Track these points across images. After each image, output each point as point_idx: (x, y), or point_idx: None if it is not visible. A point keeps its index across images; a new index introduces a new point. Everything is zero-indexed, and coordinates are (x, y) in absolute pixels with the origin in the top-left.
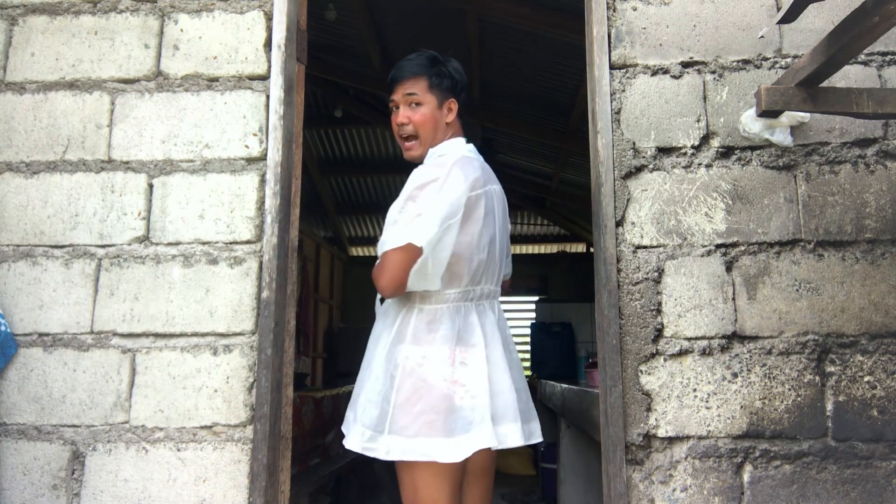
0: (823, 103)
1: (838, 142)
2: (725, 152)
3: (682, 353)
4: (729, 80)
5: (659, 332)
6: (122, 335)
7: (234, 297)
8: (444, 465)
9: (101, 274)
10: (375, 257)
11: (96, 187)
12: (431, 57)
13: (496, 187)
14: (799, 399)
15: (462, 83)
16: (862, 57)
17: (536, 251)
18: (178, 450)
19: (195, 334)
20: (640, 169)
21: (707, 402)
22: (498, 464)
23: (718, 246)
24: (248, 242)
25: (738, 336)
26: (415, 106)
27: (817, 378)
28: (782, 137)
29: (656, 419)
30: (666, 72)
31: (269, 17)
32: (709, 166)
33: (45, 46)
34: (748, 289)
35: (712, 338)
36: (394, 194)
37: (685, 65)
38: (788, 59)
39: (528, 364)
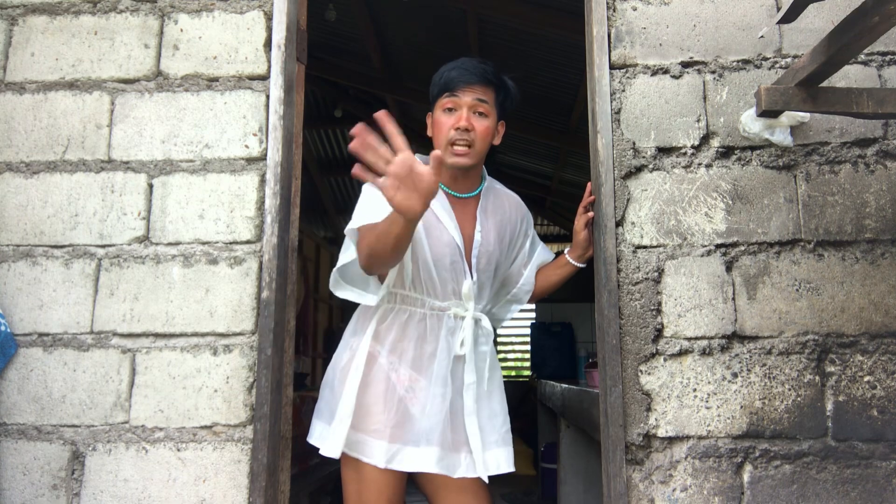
0: (823, 103)
1: (838, 142)
2: (725, 152)
3: (682, 353)
4: (729, 80)
5: (659, 332)
6: (122, 335)
7: (234, 297)
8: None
9: (101, 274)
10: None
11: (96, 187)
12: (497, 69)
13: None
14: (799, 399)
15: (512, 107)
16: (862, 57)
17: None
18: (178, 450)
19: (195, 334)
20: (640, 169)
21: (707, 402)
22: None
23: (718, 246)
24: (248, 242)
25: (738, 336)
26: (480, 115)
27: (817, 378)
28: (782, 137)
29: (656, 419)
30: (666, 72)
31: (269, 17)
32: (709, 166)
33: (45, 46)
34: (748, 289)
35: (712, 338)
36: None
37: (685, 65)
38: (788, 59)
39: (528, 364)
